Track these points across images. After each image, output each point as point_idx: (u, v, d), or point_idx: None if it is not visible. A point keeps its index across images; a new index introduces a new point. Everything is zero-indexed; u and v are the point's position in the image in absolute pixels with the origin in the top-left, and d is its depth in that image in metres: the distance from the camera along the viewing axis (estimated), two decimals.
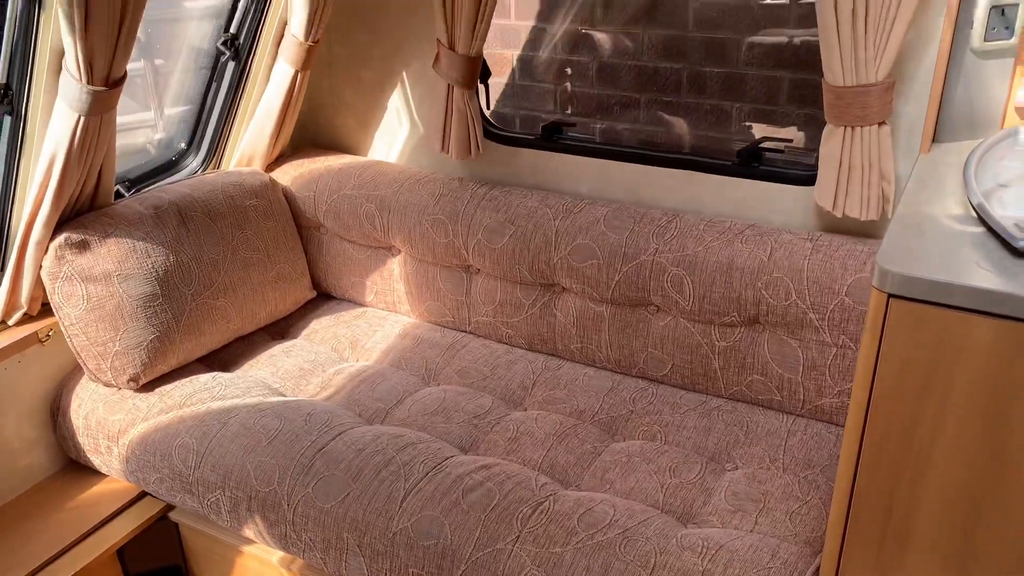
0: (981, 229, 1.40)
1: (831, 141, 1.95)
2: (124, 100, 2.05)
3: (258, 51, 2.55)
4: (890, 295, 1.27)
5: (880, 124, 1.89)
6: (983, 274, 1.26)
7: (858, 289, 1.94)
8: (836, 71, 1.87)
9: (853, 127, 1.90)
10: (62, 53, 1.90)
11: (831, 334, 1.98)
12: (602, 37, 3.39)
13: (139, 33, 3.01)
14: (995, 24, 1.74)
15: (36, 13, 1.89)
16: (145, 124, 3.26)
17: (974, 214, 1.45)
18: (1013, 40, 1.76)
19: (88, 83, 1.90)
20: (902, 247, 1.35)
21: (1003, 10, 1.73)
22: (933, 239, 1.38)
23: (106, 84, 1.93)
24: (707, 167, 2.29)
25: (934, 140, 1.85)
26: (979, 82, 1.80)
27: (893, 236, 1.39)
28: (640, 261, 2.17)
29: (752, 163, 2.24)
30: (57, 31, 1.88)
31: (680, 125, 3.37)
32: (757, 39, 3.07)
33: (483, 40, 2.36)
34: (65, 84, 1.92)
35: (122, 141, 3.04)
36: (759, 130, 3.24)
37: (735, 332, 2.11)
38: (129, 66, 1.99)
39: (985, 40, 1.75)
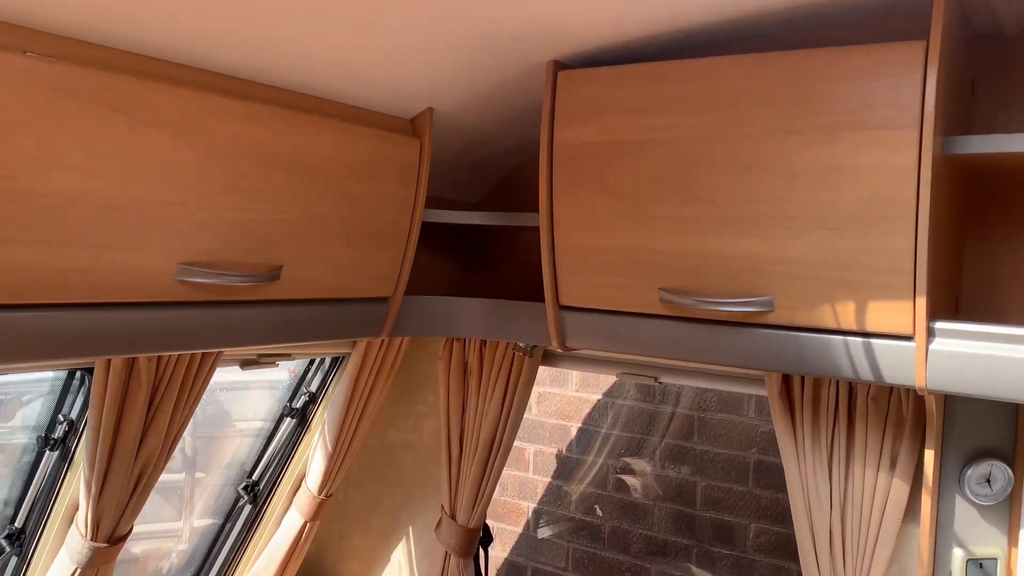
0: None
1: None
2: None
3: (274, 498, 2.66)
4: None
5: None
6: None
7: None
8: None
9: None
10: (77, 507, 2.03)
11: None
12: (614, 502, 3.46)
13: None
14: (974, 575, 1.72)
15: (64, 469, 2.06)
16: (172, 533, 3.35)
17: None
18: None
19: (92, 539, 1.99)
20: None
21: (980, 563, 1.72)
22: None
23: (108, 542, 2.01)
24: None
25: None
26: None
27: None
28: None
29: None
30: (77, 487, 2.02)
31: None
32: (765, 526, 3.09)
33: (483, 513, 2.42)
34: (71, 537, 2.01)
35: (148, 546, 3.10)
36: None
37: None
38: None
39: None
